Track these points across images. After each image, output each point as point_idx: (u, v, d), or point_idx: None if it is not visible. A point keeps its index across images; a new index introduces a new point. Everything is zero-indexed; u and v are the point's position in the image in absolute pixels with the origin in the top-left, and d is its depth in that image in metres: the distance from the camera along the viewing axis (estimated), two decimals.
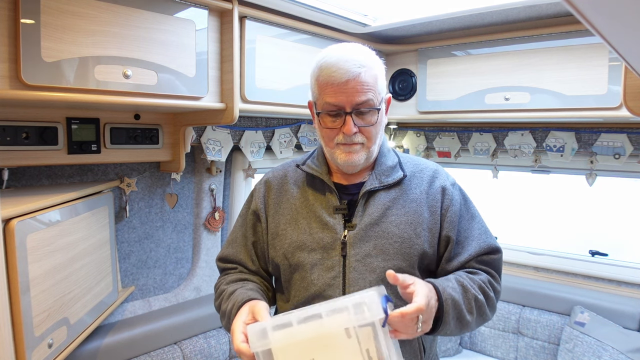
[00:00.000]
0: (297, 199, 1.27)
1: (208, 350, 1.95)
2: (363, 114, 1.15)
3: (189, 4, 1.52)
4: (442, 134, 2.69)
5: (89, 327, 1.50)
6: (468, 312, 1.12)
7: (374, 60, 1.18)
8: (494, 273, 1.25)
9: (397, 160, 1.29)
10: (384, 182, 1.22)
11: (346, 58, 1.13)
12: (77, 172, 1.71)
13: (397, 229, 1.18)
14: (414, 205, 1.21)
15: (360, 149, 1.18)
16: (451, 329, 1.10)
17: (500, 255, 1.27)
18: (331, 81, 1.12)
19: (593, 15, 0.46)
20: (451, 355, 2.48)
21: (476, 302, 1.14)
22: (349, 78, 1.11)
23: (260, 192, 1.33)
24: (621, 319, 2.12)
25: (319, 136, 1.25)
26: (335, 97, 1.13)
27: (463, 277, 1.17)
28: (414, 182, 1.25)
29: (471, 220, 1.26)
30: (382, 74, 1.20)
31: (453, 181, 1.29)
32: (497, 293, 1.24)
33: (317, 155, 1.31)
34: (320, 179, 1.25)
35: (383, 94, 1.21)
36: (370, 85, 1.14)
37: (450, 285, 1.11)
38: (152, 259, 2.00)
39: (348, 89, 1.12)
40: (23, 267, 1.13)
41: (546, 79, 1.96)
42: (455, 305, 1.09)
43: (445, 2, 1.89)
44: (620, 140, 2.14)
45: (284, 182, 1.32)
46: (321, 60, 1.16)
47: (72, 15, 1.24)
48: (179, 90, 1.51)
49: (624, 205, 2.57)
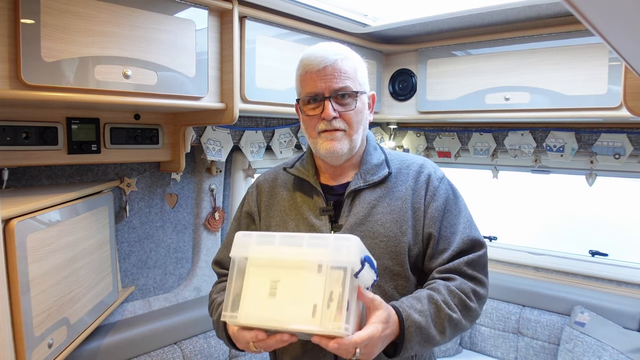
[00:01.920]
0: (286, 201, 1.29)
1: (208, 350, 1.95)
2: (342, 99, 1.18)
3: (189, 4, 1.52)
4: (442, 134, 2.69)
5: (89, 327, 1.50)
6: (439, 332, 1.09)
7: (353, 54, 1.23)
8: (479, 276, 1.19)
9: (384, 158, 1.28)
10: (369, 180, 1.22)
11: (324, 48, 1.19)
12: (77, 172, 1.71)
13: (382, 228, 1.17)
14: (399, 202, 1.20)
15: (342, 136, 1.18)
16: (416, 351, 1.08)
17: (484, 251, 1.21)
18: (309, 69, 1.18)
19: (593, 15, 0.46)
20: (451, 355, 2.48)
21: (450, 321, 1.10)
22: (326, 65, 1.16)
23: (253, 195, 1.36)
24: (621, 319, 2.12)
25: (304, 131, 1.27)
26: (314, 84, 1.17)
27: (440, 293, 1.12)
28: (400, 178, 1.24)
29: (458, 215, 1.23)
30: (362, 67, 1.24)
31: (441, 175, 1.27)
32: (481, 299, 1.18)
33: (305, 157, 1.33)
34: (308, 181, 1.26)
35: (365, 88, 1.23)
36: (348, 73, 1.18)
37: (418, 308, 1.07)
38: (152, 259, 2.00)
39: (326, 75, 1.16)
40: (23, 267, 1.13)
41: (546, 79, 1.96)
42: (421, 331, 1.05)
43: (445, 2, 1.89)
44: (620, 140, 2.14)
45: (274, 184, 1.34)
46: (301, 57, 1.22)
47: (72, 15, 1.24)
48: (179, 90, 1.51)
49: (624, 205, 2.57)
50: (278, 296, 0.95)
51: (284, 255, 0.95)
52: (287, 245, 0.96)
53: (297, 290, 0.94)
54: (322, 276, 0.92)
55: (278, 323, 0.94)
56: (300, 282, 0.93)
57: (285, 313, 0.93)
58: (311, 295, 0.92)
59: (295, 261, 0.95)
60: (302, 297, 0.92)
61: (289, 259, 0.95)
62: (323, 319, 0.90)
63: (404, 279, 1.18)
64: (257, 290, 0.97)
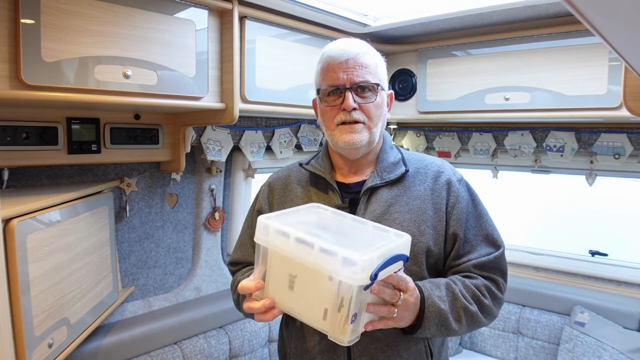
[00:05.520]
0: (300, 198, 1.28)
1: (208, 350, 1.95)
2: (362, 92, 1.18)
3: (189, 4, 1.52)
4: (442, 134, 2.69)
5: (89, 327, 1.50)
6: (455, 320, 1.10)
7: (375, 51, 1.24)
8: (496, 277, 1.20)
9: (400, 157, 1.28)
10: (385, 178, 1.21)
11: (347, 41, 1.21)
12: (77, 172, 1.71)
13: (400, 227, 1.16)
14: (418, 202, 1.19)
15: (361, 128, 1.18)
16: (432, 333, 1.09)
17: (502, 252, 1.22)
18: (331, 62, 1.18)
19: (593, 15, 0.46)
20: (451, 355, 2.48)
21: (466, 311, 1.12)
22: (348, 57, 1.17)
23: (265, 194, 1.36)
24: (621, 319, 2.12)
25: (321, 124, 1.26)
26: (336, 75, 1.18)
27: (456, 284, 1.14)
28: (417, 178, 1.23)
29: (479, 217, 1.24)
30: (382, 64, 1.25)
31: (460, 177, 1.27)
32: (497, 299, 1.20)
33: (321, 155, 1.32)
34: (323, 177, 1.25)
35: (384, 85, 1.24)
36: (369, 67, 1.19)
37: (437, 294, 1.09)
38: (152, 259, 2.00)
39: (348, 67, 1.17)
40: (23, 267, 1.13)
41: (546, 79, 1.96)
42: (439, 313, 1.07)
43: (445, 2, 1.89)
44: (620, 140, 2.14)
45: (287, 182, 1.34)
46: (323, 51, 1.23)
47: (72, 15, 1.24)
48: (179, 90, 1.51)
49: (624, 205, 2.57)
50: (295, 291, 0.96)
51: (297, 254, 0.95)
52: (300, 244, 0.95)
53: (311, 291, 0.94)
54: (333, 284, 0.91)
55: (297, 315, 0.98)
56: (314, 284, 0.94)
57: (302, 308, 0.96)
58: (323, 299, 0.92)
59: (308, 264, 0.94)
60: (315, 298, 0.93)
61: (303, 259, 0.95)
62: (333, 324, 0.91)
63: (420, 279, 1.17)
64: (278, 279, 0.98)
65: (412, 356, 1.16)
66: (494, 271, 1.20)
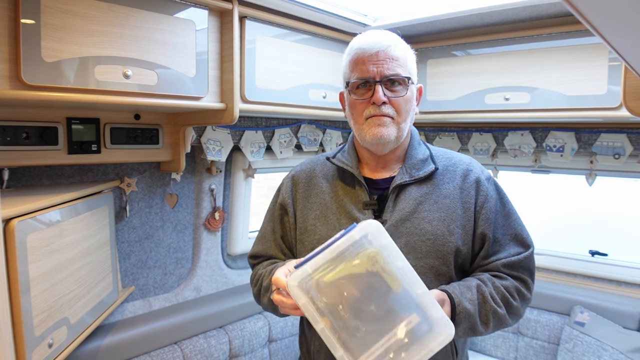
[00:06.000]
0: (326, 193, 1.25)
1: (208, 350, 1.95)
2: (392, 85, 1.16)
3: (189, 4, 1.52)
4: (442, 134, 2.69)
5: (89, 327, 1.50)
6: (482, 324, 1.10)
7: (405, 44, 1.22)
8: (525, 277, 1.19)
9: (429, 154, 1.26)
10: (414, 175, 1.19)
11: (377, 33, 1.18)
12: (77, 172, 1.71)
13: (429, 226, 1.14)
14: (447, 200, 1.17)
15: (390, 122, 1.15)
16: (459, 336, 1.10)
17: (531, 252, 1.21)
18: (361, 54, 1.16)
19: (593, 15, 0.46)
20: None
21: (494, 314, 1.11)
22: (378, 50, 1.14)
23: (288, 187, 1.33)
24: (621, 319, 2.12)
25: (349, 117, 1.24)
26: (366, 68, 1.15)
27: (487, 285, 1.13)
28: (446, 176, 1.21)
29: (508, 216, 1.22)
30: (412, 57, 1.22)
31: (488, 175, 1.25)
32: (526, 300, 1.18)
33: (347, 149, 1.29)
34: (350, 172, 1.23)
35: (414, 78, 1.21)
36: (400, 60, 1.16)
37: (468, 297, 1.08)
38: (152, 259, 2.00)
39: (378, 60, 1.14)
40: (23, 267, 1.13)
41: (546, 79, 1.96)
42: (469, 318, 1.07)
43: (445, 2, 1.89)
44: (620, 140, 2.14)
45: (312, 176, 1.31)
46: (352, 43, 1.21)
47: (72, 15, 1.24)
48: (179, 90, 1.51)
49: (624, 205, 2.57)
50: None
51: None
52: None
53: None
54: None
55: None
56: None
57: None
58: None
59: None
60: None
61: None
62: None
63: (448, 279, 1.16)
64: None
65: (440, 355, 1.15)
66: (523, 271, 1.19)
